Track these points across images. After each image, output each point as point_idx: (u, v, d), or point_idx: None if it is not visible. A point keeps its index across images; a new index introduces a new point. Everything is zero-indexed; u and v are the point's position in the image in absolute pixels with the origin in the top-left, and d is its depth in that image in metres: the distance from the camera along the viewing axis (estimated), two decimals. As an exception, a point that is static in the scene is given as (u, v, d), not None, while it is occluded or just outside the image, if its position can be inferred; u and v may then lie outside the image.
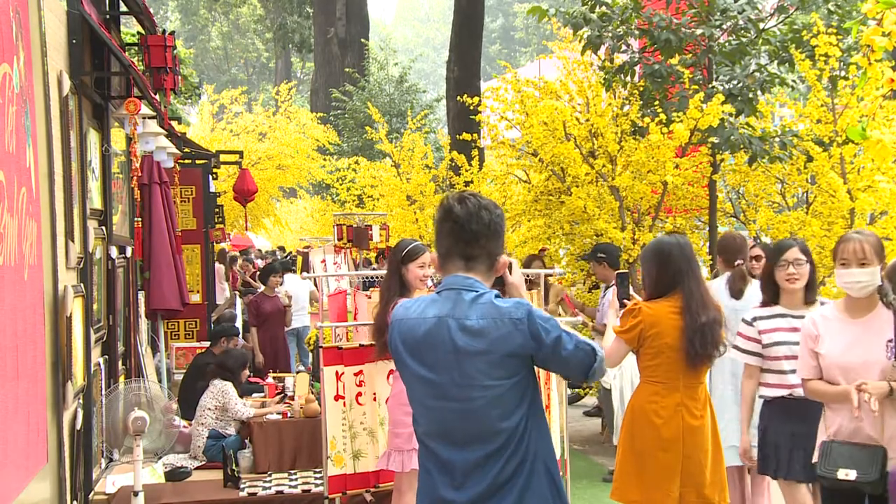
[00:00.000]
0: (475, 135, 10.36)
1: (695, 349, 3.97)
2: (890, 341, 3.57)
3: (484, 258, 2.74)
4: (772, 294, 4.63)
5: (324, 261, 10.49)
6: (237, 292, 12.56)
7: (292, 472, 6.46)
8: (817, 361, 3.77)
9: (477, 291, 2.69)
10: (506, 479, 2.61)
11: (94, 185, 5.41)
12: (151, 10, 6.17)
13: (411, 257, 4.82)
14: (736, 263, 5.82)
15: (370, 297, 5.89)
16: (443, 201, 2.79)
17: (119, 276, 6.15)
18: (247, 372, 7.37)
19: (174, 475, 6.26)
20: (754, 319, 4.63)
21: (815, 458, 3.80)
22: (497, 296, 2.71)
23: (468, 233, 2.71)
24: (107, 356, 5.76)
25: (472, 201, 2.74)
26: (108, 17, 5.89)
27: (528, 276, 6.92)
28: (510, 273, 2.85)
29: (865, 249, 3.62)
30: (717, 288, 5.82)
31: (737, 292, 5.77)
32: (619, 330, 4.17)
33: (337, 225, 10.22)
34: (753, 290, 5.56)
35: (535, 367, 2.68)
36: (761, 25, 8.42)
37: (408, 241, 4.99)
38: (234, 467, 6.07)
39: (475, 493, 2.62)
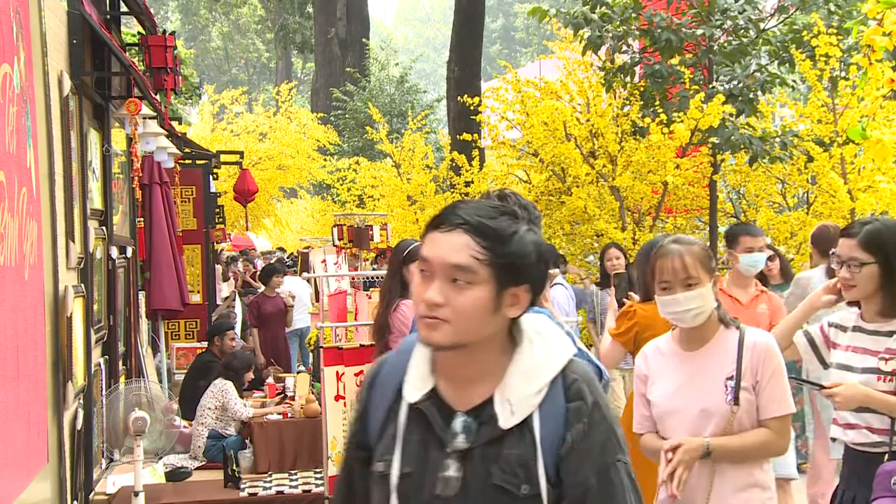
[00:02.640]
0: (476, 135, 10.36)
1: None
2: (730, 378, 2.72)
3: None
4: None
5: (324, 261, 10.49)
6: (237, 292, 12.56)
7: (293, 472, 6.46)
8: (650, 410, 2.90)
9: None
10: None
11: (95, 186, 5.41)
12: (152, 11, 6.17)
13: (413, 258, 4.81)
14: (831, 253, 5.73)
15: (370, 298, 5.89)
16: (486, 196, 2.71)
17: (119, 276, 6.15)
18: (250, 375, 7.37)
19: (175, 475, 6.26)
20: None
21: None
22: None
23: None
24: (107, 356, 5.75)
25: (513, 199, 2.72)
26: (108, 17, 5.89)
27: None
28: None
29: (688, 265, 2.73)
30: (818, 279, 5.78)
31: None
32: (614, 332, 4.15)
33: (337, 225, 10.21)
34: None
35: None
36: (762, 25, 8.42)
37: (409, 241, 4.98)
38: (234, 467, 6.06)
39: None
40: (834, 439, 3.29)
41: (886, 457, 3.11)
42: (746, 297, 4.61)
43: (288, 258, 18.60)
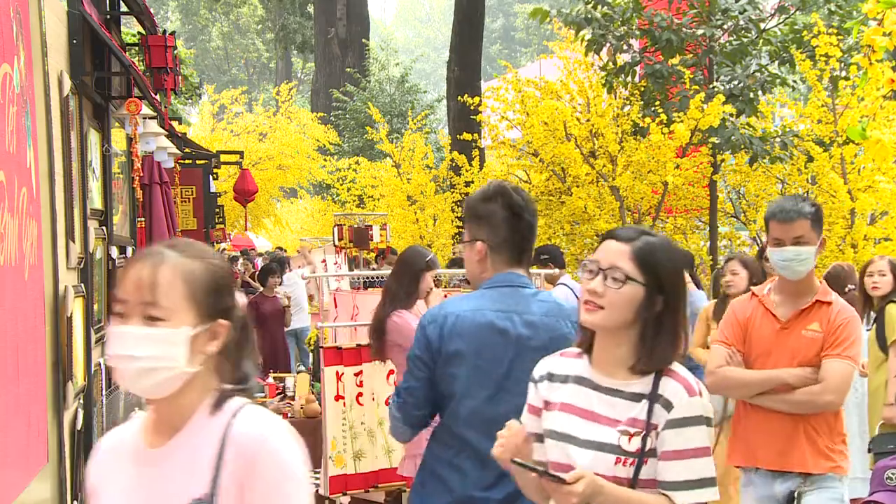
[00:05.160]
0: (476, 135, 10.37)
1: None
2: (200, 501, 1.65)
3: (531, 253, 2.78)
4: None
5: (324, 261, 10.49)
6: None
7: (293, 472, 6.45)
8: None
9: (532, 288, 2.74)
10: None
11: (95, 186, 5.41)
12: (152, 11, 6.17)
13: (431, 268, 4.79)
14: (847, 290, 5.70)
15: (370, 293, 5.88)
16: (493, 189, 2.74)
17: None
18: None
19: (174, 475, 6.26)
20: None
21: None
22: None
23: (527, 225, 2.72)
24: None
25: (524, 192, 2.76)
26: (108, 17, 5.89)
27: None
28: None
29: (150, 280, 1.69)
30: None
31: None
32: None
33: (337, 225, 10.21)
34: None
35: None
36: (762, 26, 8.43)
37: (424, 249, 4.96)
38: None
39: (510, 491, 2.56)
40: None
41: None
42: (788, 313, 3.33)
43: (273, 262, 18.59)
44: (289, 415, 6.77)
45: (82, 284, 4.82)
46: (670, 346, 2.08)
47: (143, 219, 7.44)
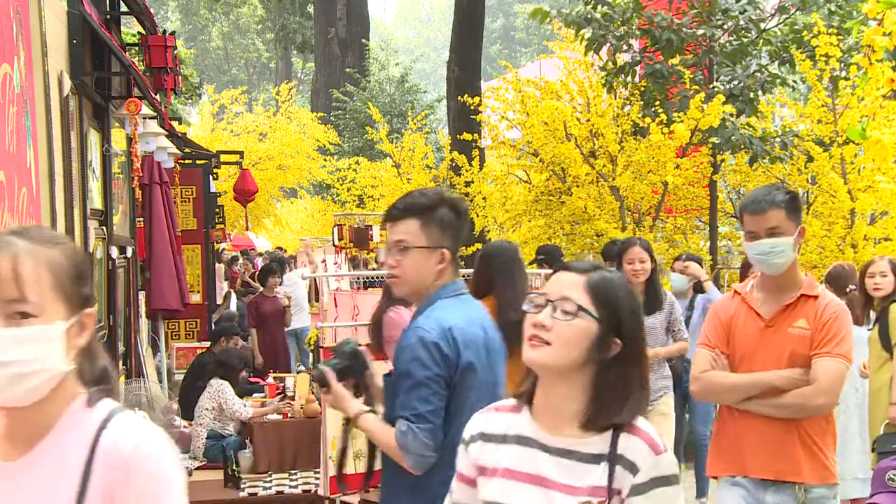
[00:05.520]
0: (476, 135, 10.37)
1: None
2: None
3: None
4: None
5: (324, 261, 10.49)
6: (234, 292, 12.56)
7: (293, 472, 6.46)
8: None
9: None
10: None
11: (95, 186, 5.41)
12: (152, 11, 6.17)
13: None
14: (848, 290, 5.68)
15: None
16: (452, 199, 2.70)
17: (120, 276, 6.15)
18: (244, 373, 7.37)
19: (174, 475, 6.26)
20: None
21: None
22: None
23: (464, 233, 2.73)
24: (107, 356, 5.75)
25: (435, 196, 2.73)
26: (108, 17, 5.89)
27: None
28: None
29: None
30: None
31: (856, 319, 5.62)
32: None
33: (337, 225, 10.21)
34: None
35: None
36: (762, 26, 8.43)
37: None
38: (234, 467, 6.07)
39: None
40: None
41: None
42: (772, 310, 3.14)
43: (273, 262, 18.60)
44: (289, 415, 6.77)
45: (82, 284, 4.81)
46: (628, 400, 1.77)
47: (142, 219, 7.45)
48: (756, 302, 3.15)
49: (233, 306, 11.46)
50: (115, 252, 5.91)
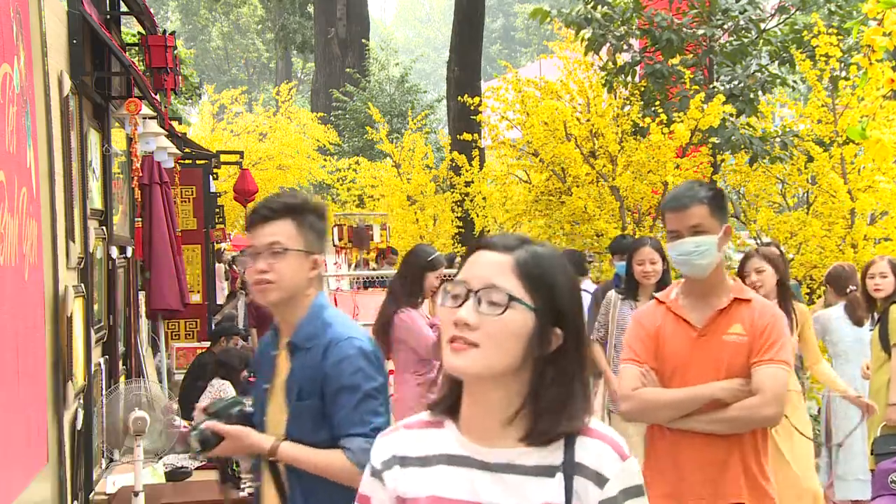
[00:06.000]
0: (476, 135, 10.37)
1: None
2: None
3: None
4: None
5: (324, 261, 10.47)
6: (239, 291, 12.56)
7: (293, 472, 6.45)
8: None
9: None
10: None
11: (95, 186, 5.41)
12: (152, 11, 6.17)
13: (434, 266, 4.80)
14: (848, 291, 5.65)
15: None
16: (319, 205, 2.53)
17: (120, 276, 6.15)
18: (245, 373, 7.37)
19: (175, 475, 6.26)
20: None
21: None
22: None
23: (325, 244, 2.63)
24: (107, 356, 5.75)
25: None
26: (108, 17, 5.89)
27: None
28: None
29: None
30: (837, 318, 5.72)
31: (858, 320, 5.63)
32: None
33: (337, 225, 10.22)
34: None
35: None
36: (762, 26, 8.43)
37: (429, 248, 4.96)
38: (234, 467, 6.06)
39: None
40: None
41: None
42: (704, 318, 2.86)
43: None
44: (289, 415, 6.77)
45: (82, 284, 4.81)
46: (574, 399, 1.45)
47: (141, 218, 7.45)
48: (683, 310, 2.87)
49: (240, 306, 11.46)
50: (115, 252, 5.91)
